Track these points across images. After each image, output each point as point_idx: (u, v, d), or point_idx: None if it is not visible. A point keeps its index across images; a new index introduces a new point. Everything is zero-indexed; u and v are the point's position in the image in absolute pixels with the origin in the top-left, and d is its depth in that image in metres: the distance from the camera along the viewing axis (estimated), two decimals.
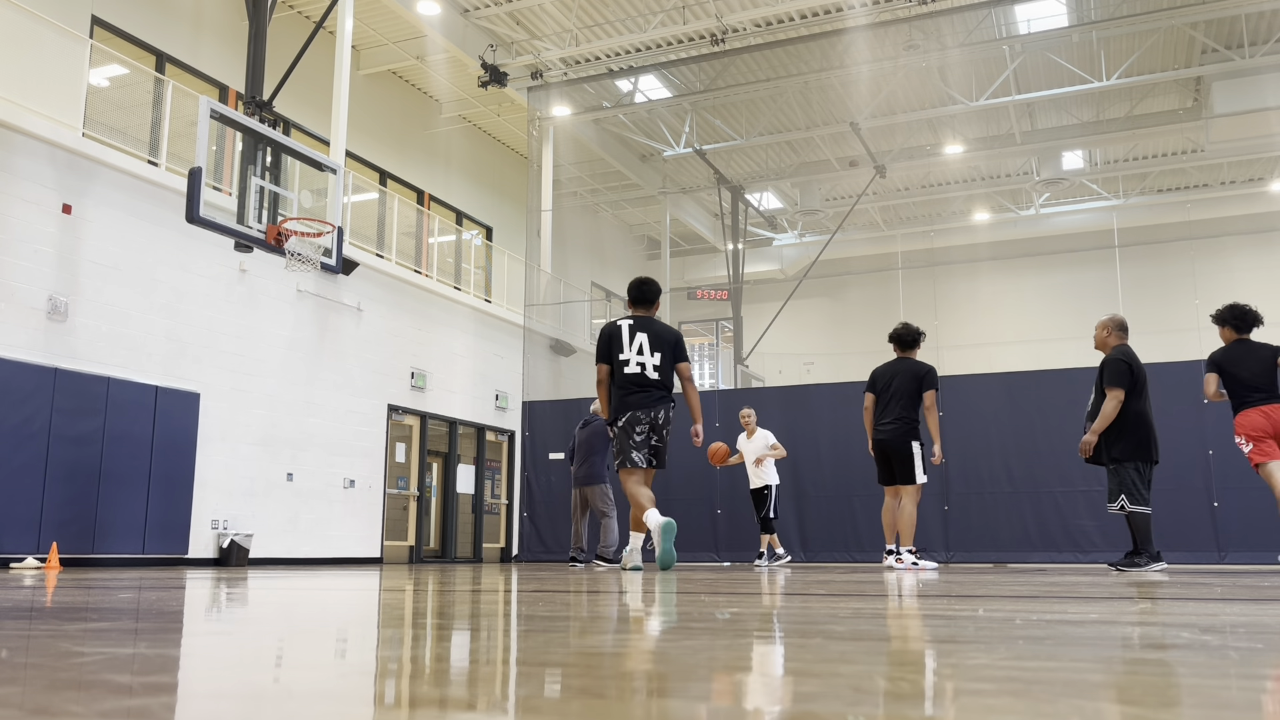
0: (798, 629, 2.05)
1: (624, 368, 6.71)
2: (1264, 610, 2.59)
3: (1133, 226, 21.90)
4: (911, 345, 8.33)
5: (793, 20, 16.26)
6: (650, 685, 1.19)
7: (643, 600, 3.24)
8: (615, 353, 6.76)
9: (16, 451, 10.05)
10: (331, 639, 1.86)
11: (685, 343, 6.92)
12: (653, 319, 6.91)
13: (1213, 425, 10.82)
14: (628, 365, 6.70)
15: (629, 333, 6.77)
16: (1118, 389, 7.25)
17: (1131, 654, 1.52)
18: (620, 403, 6.68)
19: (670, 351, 6.77)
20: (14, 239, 10.28)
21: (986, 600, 3.18)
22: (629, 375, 6.68)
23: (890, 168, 20.85)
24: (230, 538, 12.23)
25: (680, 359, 6.81)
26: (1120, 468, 7.24)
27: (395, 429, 15.87)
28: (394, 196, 16.62)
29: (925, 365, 8.20)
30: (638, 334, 6.76)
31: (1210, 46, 16.76)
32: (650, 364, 6.69)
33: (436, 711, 1.01)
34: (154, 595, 3.61)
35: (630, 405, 6.64)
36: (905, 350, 8.36)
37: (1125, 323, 7.63)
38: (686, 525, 12.98)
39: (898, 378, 8.15)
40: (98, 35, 12.60)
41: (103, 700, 1.07)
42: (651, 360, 6.70)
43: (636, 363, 6.69)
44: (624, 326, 6.81)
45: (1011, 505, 11.45)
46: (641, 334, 6.77)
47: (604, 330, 6.88)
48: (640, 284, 6.99)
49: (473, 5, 16.22)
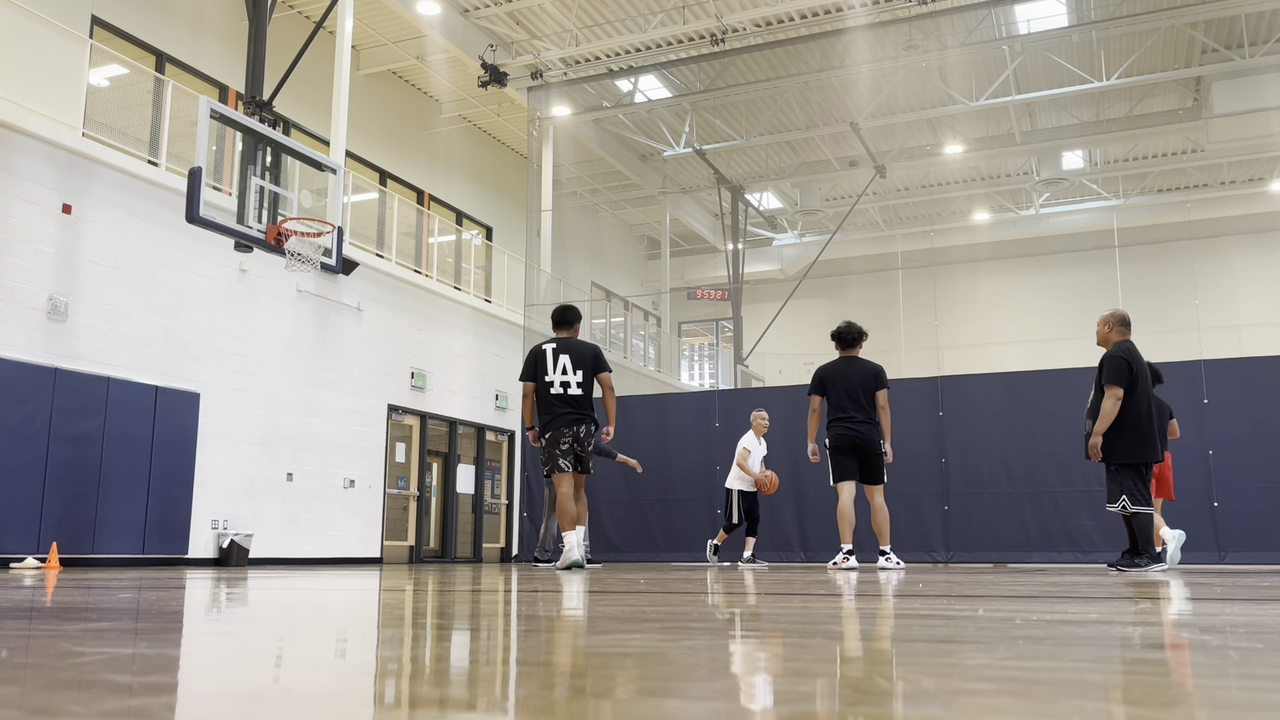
0: (798, 628, 2.05)
1: (549, 388, 7.38)
2: (1264, 610, 2.59)
3: (1133, 226, 21.89)
4: (853, 343, 8.27)
5: (793, 20, 16.26)
6: (651, 685, 1.19)
7: (643, 600, 3.24)
8: (540, 374, 7.42)
9: (16, 451, 10.05)
10: (331, 639, 1.86)
11: (604, 354, 7.53)
12: (572, 339, 7.57)
13: (1213, 425, 10.83)
14: (553, 385, 7.38)
15: (552, 355, 7.45)
16: (1116, 387, 7.10)
17: (1131, 654, 1.52)
18: (548, 419, 7.35)
19: (590, 366, 7.43)
20: (14, 239, 10.28)
21: (986, 600, 3.18)
22: (554, 395, 7.37)
23: (890, 168, 20.85)
24: (230, 538, 12.22)
25: (600, 370, 7.43)
26: (1120, 468, 7.12)
27: (395, 429, 15.88)
28: (394, 196, 16.62)
29: (877, 365, 8.18)
30: (560, 355, 7.44)
31: (1210, 46, 16.76)
32: (574, 382, 7.37)
33: (436, 711, 1.01)
34: (154, 595, 3.61)
35: (556, 423, 7.30)
36: (849, 349, 8.27)
37: (1127, 317, 7.46)
38: (686, 525, 12.99)
39: (855, 378, 8.09)
40: (98, 35, 12.61)
41: (103, 700, 1.07)
42: (574, 378, 7.37)
43: (560, 383, 7.37)
44: (548, 350, 7.48)
45: (1011, 505, 11.45)
46: (564, 355, 7.44)
47: (530, 352, 7.55)
48: (561, 309, 7.73)
49: (473, 5, 16.22)
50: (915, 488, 11.90)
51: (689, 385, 26.00)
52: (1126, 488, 7.08)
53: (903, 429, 12.01)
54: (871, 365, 8.16)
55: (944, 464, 11.89)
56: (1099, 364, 7.31)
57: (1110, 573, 6.80)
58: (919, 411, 12.05)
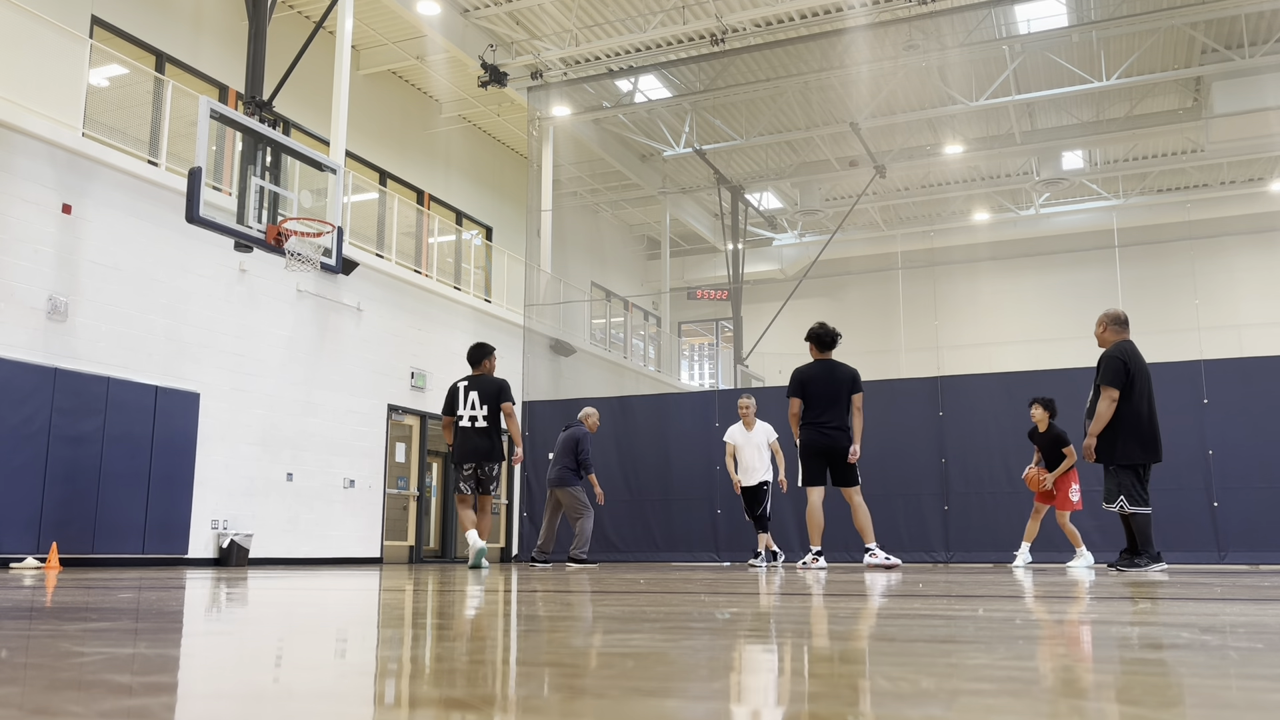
0: (797, 629, 2.05)
1: (459, 421, 8.42)
2: (1264, 610, 2.59)
3: (1133, 226, 21.90)
4: (831, 346, 8.27)
5: (793, 20, 16.26)
6: (651, 685, 1.19)
7: (643, 600, 3.24)
8: (455, 408, 8.46)
9: (16, 451, 10.05)
10: (331, 639, 1.86)
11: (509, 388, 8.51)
12: (482, 376, 8.54)
13: (1213, 425, 10.83)
14: (462, 419, 8.41)
15: (464, 392, 8.45)
16: (1112, 387, 7.07)
17: (1131, 654, 1.52)
18: (458, 448, 8.41)
19: (494, 401, 8.40)
20: (14, 239, 10.27)
21: (986, 600, 3.18)
22: (463, 427, 8.39)
23: (890, 168, 20.85)
24: (230, 538, 12.22)
25: (504, 401, 8.40)
26: (1118, 469, 7.09)
27: (395, 429, 15.88)
28: (394, 196, 16.62)
29: (852, 368, 8.21)
30: (470, 392, 8.44)
31: (1210, 46, 16.76)
32: (480, 415, 8.38)
33: (436, 711, 1.01)
34: (154, 595, 3.61)
35: (463, 451, 8.38)
36: (825, 351, 8.27)
37: (1123, 316, 7.42)
38: (686, 525, 12.99)
39: (833, 382, 8.10)
40: (98, 35, 12.60)
41: (103, 700, 1.07)
42: (481, 412, 8.39)
43: (469, 417, 8.40)
44: (461, 387, 8.49)
45: (1011, 505, 11.45)
46: (473, 391, 8.44)
47: (449, 389, 8.58)
48: (474, 349, 8.66)
49: (473, 5, 16.22)
50: (915, 488, 11.90)
51: (689, 385, 26.01)
52: (1125, 488, 7.05)
53: (903, 429, 12.02)
54: (848, 369, 8.20)
55: (944, 464, 11.89)
56: (1096, 364, 7.29)
57: (1110, 573, 6.80)
58: (919, 411, 12.06)
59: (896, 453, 11.92)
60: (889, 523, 11.64)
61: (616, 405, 13.69)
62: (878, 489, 11.45)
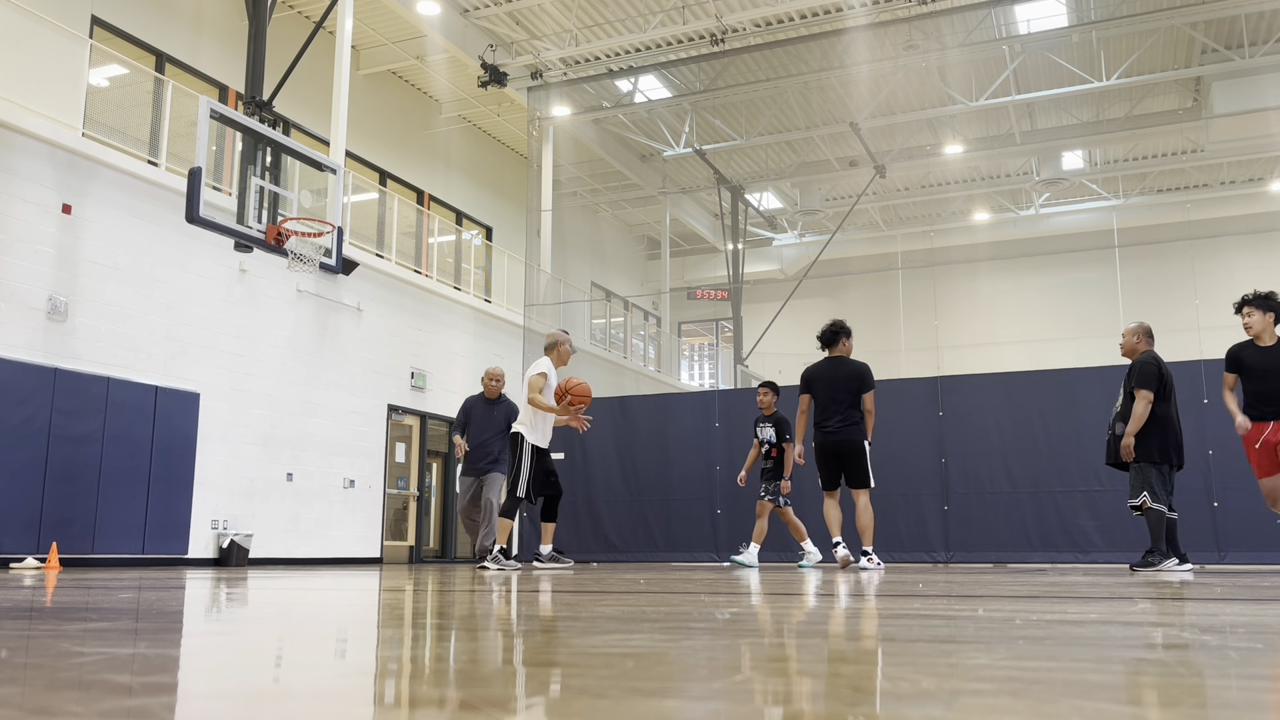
0: (798, 629, 2.05)
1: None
2: (1264, 610, 2.59)
3: (1133, 226, 21.90)
4: (831, 342, 8.18)
5: (792, 20, 16.26)
6: (651, 685, 1.19)
7: (643, 600, 3.24)
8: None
9: (16, 451, 10.05)
10: (331, 639, 1.86)
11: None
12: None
13: (1212, 425, 10.83)
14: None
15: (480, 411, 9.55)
16: (1147, 390, 7.42)
17: (1131, 654, 1.52)
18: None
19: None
20: (14, 239, 10.27)
21: (986, 600, 3.18)
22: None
23: (890, 168, 20.85)
24: (230, 538, 12.22)
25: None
26: (1144, 466, 7.41)
27: (395, 429, 15.87)
28: (394, 196, 16.62)
29: (863, 364, 8.07)
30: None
31: (1210, 46, 16.76)
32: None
33: (436, 711, 1.01)
34: (154, 595, 3.61)
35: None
36: (828, 348, 8.21)
37: (1151, 329, 7.89)
38: (686, 525, 12.98)
39: (839, 379, 8.01)
40: (97, 35, 12.60)
41: (103, 700, 1.07)
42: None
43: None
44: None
45: (1011, 505, 11.45)
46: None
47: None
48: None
49: (472, 5, 16.22)
50: (915, 488, 11.90)
51: (689, 385, 26.01)
52: (1149, 484, 7.37)
53: (903, 429, 12.01)
54: (857, 365, 8.05)
55: (944, 464, 11.88)
56: (1129, 370, 7.66)
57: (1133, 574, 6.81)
58: (919, 411, 12.05)
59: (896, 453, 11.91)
60: (889, 523, 11.64)
61: (616, 405, 13.68)
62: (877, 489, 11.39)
